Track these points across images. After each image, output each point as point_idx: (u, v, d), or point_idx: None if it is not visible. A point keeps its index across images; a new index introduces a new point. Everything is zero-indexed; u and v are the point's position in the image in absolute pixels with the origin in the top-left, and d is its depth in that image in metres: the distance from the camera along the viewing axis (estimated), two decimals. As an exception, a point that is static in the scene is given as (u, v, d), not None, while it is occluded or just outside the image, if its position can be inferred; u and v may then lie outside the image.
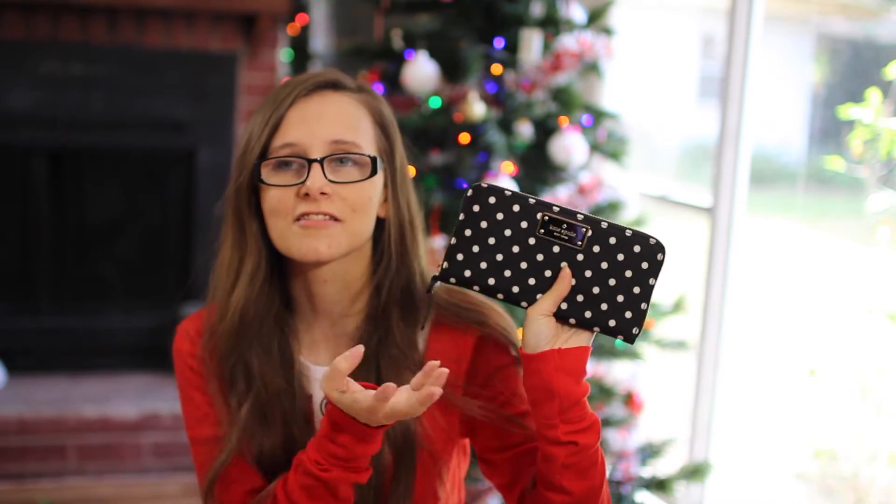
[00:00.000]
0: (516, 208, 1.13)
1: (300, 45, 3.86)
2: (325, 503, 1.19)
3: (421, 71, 2.68)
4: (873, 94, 2.62)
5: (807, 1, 3.40)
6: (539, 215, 1.12)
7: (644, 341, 2.85)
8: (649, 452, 2.90)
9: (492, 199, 1.13)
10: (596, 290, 1.12)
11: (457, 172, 2.66)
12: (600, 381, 2.80)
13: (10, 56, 3.47)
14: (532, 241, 1.13)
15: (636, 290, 1.12)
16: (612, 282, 1.12)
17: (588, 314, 1.13)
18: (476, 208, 1.13)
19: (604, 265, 1.12)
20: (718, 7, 3.12)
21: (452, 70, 2.73)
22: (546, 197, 1.15)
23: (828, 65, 3.34)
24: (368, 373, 1.29)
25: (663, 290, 3.06)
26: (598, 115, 2.88)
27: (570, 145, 2.69)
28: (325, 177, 1.24)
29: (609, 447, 2.80)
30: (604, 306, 1.13)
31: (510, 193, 1.13)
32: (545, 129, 2.76)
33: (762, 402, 3.51)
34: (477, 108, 2.62)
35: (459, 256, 1.14)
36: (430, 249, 2.58)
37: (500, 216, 1.13)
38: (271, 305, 1.30)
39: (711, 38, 3.92)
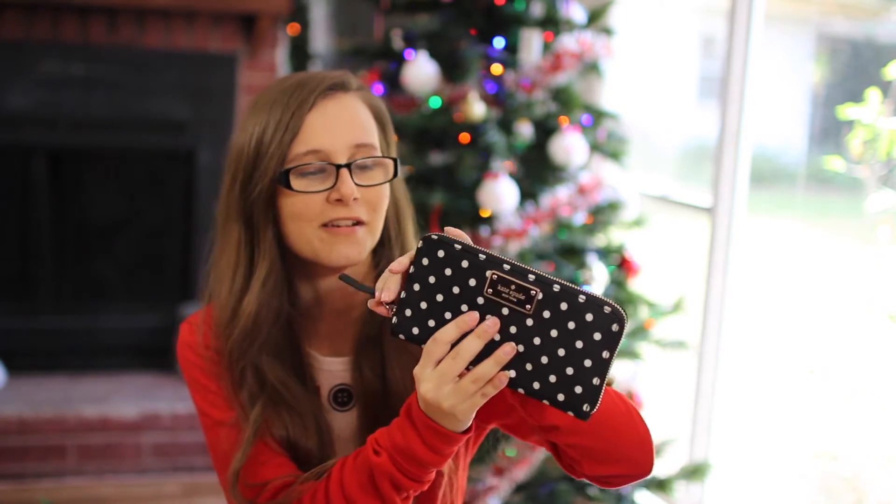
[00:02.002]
0: (465, 264, 1.05)
1: (300, 45, 3.87)
2: (367, 496, 1.16)
3: (421, 71, 2.68)
4: (873, 94, 2.62)
5: (807, 1, 3.40)
6: (488, 273, 1.04)
7: (644, 341, 2.85)
8: (649, 452, 2.89)
9: (440, 253, 1.06)
10: (544, 359, 1.04)
11: (457, 172, 2.66)
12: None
13: (10, 56, 3.47)
14: (481, 300, 1.05)
15: (587, 362, 1.03)
16: (561, 352, 1.03)
17: (536, 385, 1.05)
18: (425, 261, 1.06)
19: (553, 333, 1.03)
20: (718, 7, 3.12)
21: (452, 70, 2.73)
22: (499, 253, 1.06)
23: (828, 65, 3.34)
24: (374, 360, 1.31)
25: (663, 291, 3.06)
26: (598, 115, 2.88)
27: (570, 145, 2.69)
28: (353, 181, 1.25)
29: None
30: (552, 378, 1.04)
31: (460, 248, 1.06)
32: (545, 129, 2.76)
33: (762, 402, 3.51)
34: (477, 108, 2.62)
35: (408, 312, 1.08)
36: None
37: (448, 272, 1.06)
38: (282, 307, 1.31)
39: (711, 38, 3.92)
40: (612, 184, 2.95)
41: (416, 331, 1.08)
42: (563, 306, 1.03)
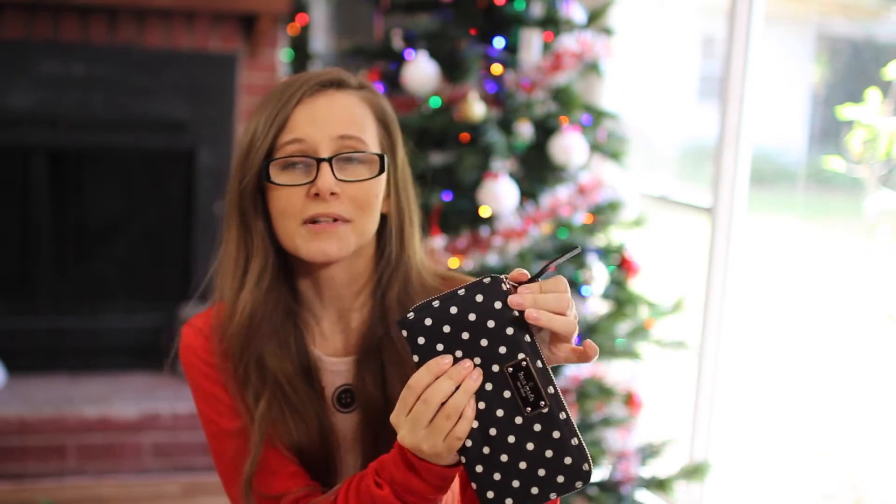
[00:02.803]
0: (510, 331, 1.03)
1: (300, 45, 3.87)
2: None
3: (421, 71, 2.68)
4: (873, 94, 2.62)
5: (807, 1, 3.40)
6: (521, 356, 1.02)
7: (644, 341, 2.85)
8: (649, 452, 2.90)
9: (497, 304, 1.03)
10: (503, 458, 1.03)
11: (457, 172, 2.66)
12: (600, 381, 2.80)
13: (10, 56, 3.47)
14: (496, 369, 1.03)
15: (534, 490, 1.03)
16: (522, 465, 1.03)
17: (479, 469, 1.03)
18: (479, 298, 1.03)
19: (529, 446, 1.03)
20: (718, 7, 3.12)
21: (452, 70, 2.73)
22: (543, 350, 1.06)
23: (828, 65, 3.34)
24: (375, 371, 1.30)
25: (663, 291, 3.06)
26: (598, 115, 2.88)
27: (570, 145, 2.69)
28: (335, 176, 1.24)
29: (609, 447, 2.81)
30: (496, 476, 1.03)
31: (517, 315, 1.02)
32: (545, 129, 2.76)
33: (762, 402, 3.51)
34: (477, 108, 2.62)
35: (428, 321, 1.03)
36: (431, 249, 2.58)
37: (490, 324, 1.03)
38: (280, 303, 1.30)
39: (711, 38, 3.92)
40: (612, 184, 2.95)
41: (421, 340, 1.04)
42: (556, 434, 1.03)
